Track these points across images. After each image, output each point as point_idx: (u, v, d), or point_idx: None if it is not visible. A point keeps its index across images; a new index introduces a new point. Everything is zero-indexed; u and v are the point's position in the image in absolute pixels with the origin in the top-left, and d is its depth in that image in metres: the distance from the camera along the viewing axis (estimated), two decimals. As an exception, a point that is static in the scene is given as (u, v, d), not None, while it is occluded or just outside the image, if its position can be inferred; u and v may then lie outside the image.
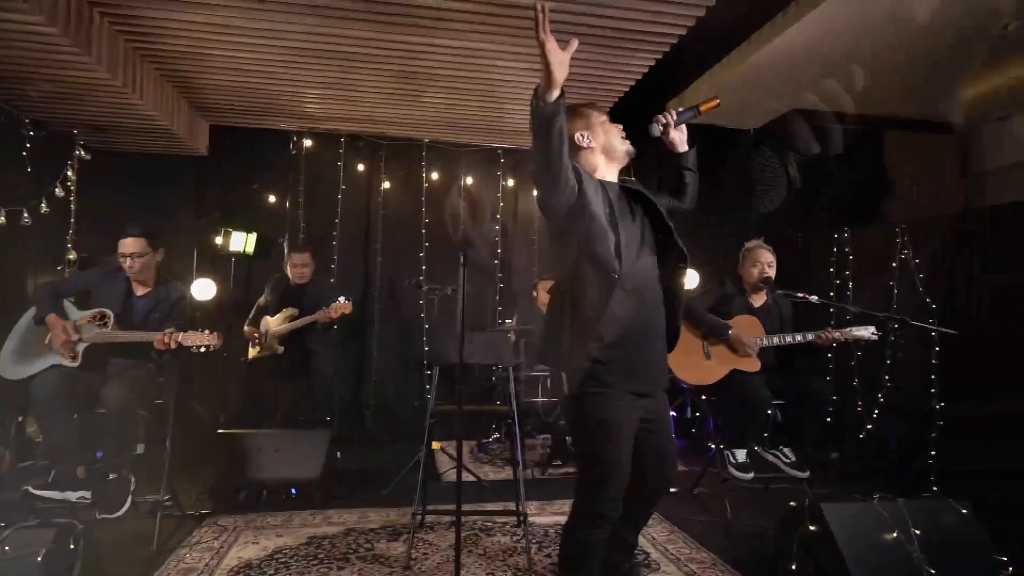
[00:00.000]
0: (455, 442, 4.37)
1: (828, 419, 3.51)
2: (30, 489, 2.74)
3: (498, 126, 4.71)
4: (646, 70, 3.73)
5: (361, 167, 4.96)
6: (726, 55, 3.99)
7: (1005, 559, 2.15)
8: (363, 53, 3.54)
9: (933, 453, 3.32)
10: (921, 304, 3.69)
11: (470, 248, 2.23)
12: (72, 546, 1.86)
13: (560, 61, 1.51)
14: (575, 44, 1.55)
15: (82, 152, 4.12)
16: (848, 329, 3.02)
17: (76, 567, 1.90)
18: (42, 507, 2.74)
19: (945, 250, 3.65)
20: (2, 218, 3.41)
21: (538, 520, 3.00)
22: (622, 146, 1.88)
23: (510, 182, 5.24)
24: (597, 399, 1.71)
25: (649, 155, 2.86)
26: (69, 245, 4.03)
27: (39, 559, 1.75)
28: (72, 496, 2.75)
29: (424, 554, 2.59)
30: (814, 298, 3.07)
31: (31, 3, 2.59)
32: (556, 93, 1.53)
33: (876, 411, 3.82)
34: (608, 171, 1.88)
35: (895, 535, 2.12)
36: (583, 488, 1.78)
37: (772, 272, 3.22)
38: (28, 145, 3.69)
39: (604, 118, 1.91)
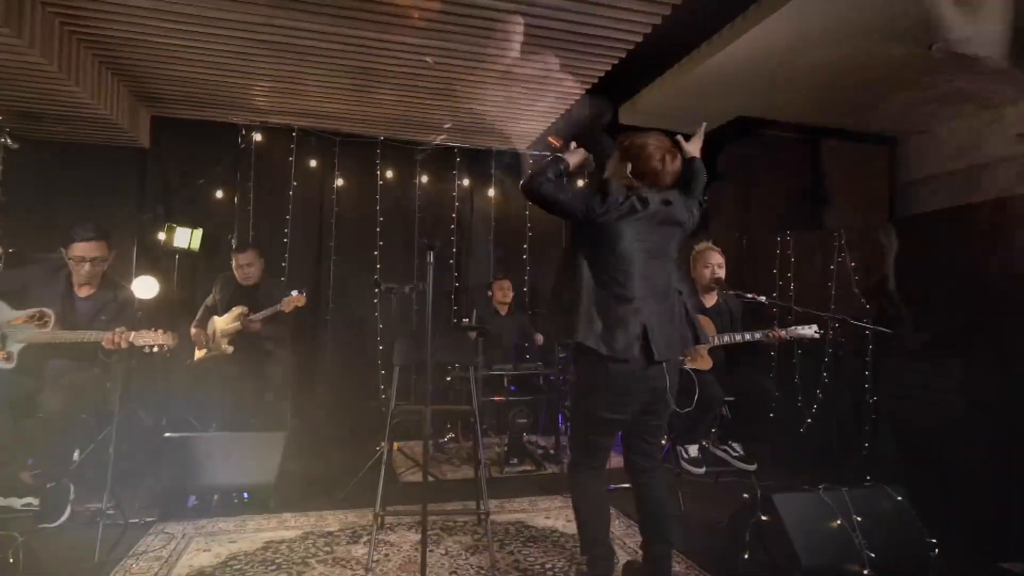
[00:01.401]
0: (412, 442, 4.37)
1: (772, 414, 3.69)
2: None
3: (455, 124, 4.70)
4: (602, 74, 3.81)
5: (313, 163, 4.84)
6: (678, 62, 4.12)
7: (934, 541, 2.33)
8: (317, 47, 3.47)
9: (867, 444, 3.54)
10: (857, 305, 3.93)
11: (435, 248, 2.23)
12: (11, 560, 1.75)
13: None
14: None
15: (9, 140, 3.83)
16: (793, 328, 3.18)
17: (16, 581, 1.79)
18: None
19: (876, 254, 3.90)
20: (-81, 209, 3.15)
21: (498, 518, 3.02)
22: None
23: (466, 181, 5.24)
24: None
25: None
26: (-6, 239, 3.75)
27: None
28: (17, 503, 2.58)
29: (386, 555, 2.56)
30: (763, 298, 3.22)
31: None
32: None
33: (815, 406, 4.03)
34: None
35: (839, 522, 2.26)
36: None
37: (722, 273, 3.35)
38: (-51, 132, 3.42)
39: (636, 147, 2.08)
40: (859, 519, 2.27)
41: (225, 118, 4.55)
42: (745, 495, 2.41)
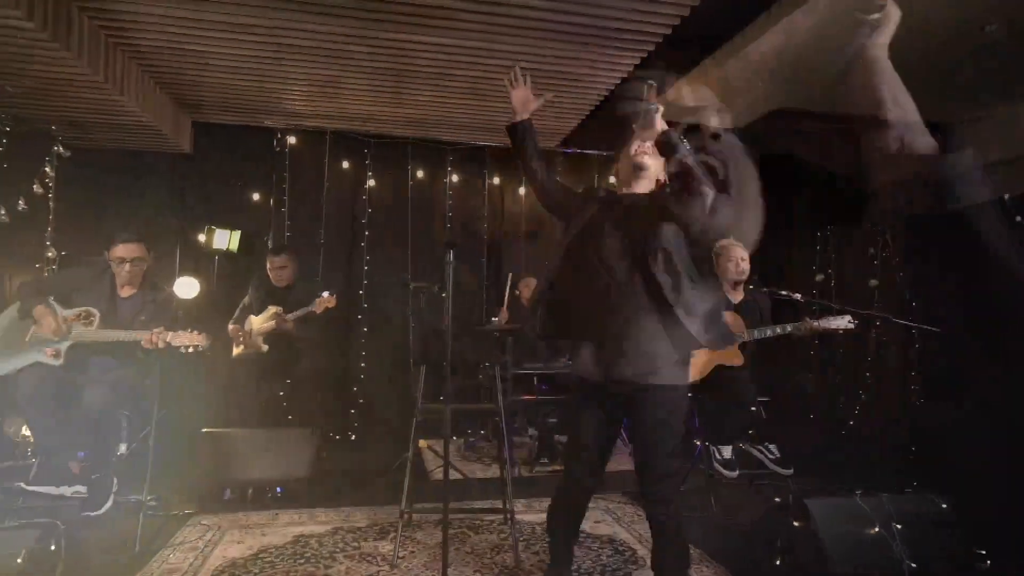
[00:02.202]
0: (442, 440, 4.40)
1: (811, 415, 3.56)
2: (23, 485, 2.72)
3: (484, 123, 4.70)
4: (632, 69, 3.75)
5: (346, 165, 4.93)
6: (710, 54, 4.02)
7: (984, 552, 2.20)
8: (348, 50, 3.52)
9: (913, 449, 3.38)
10: (903, 302, 3.75)
11: (455, 246, 2.24)
12: (53, 547, 1.84)
13: (520, 99, 2.14)
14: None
15: (61, 149, 4.05)
16: (826, 319, 3.07)
17: (58, 567, 1.87)
18: (28, 505, 2.71)
19: (925, 249, 3.72)
20: (-21, 215, 3.35)
21: (525, 518, 3.00)
22: (630, 163, 2.02)
23: (496, 180, 5.24)
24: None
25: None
26: (48, 243, 3.96)
27: (19, 560, 1.73)
28: (67, 491, 2.73)
29: (411, 552, 2.58)
30: (798, 296, 3.11)
31: (9, -1, 2.54)
32: (515, 119, 2.13)
33: (857, 407, 3.88)
34: (626, 185, 2.06)
35: (877, 530, 2.16)
36: None
37: (746, 267, 3.28)
38: (4, 141, 3.62)
39: (632, 147, 2.04)
40: (899, 527, 2.16)
41: (261, 123, 4.67)
42: (777, 499, 2.33)
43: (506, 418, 4.41)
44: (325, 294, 3.59)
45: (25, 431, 3.20)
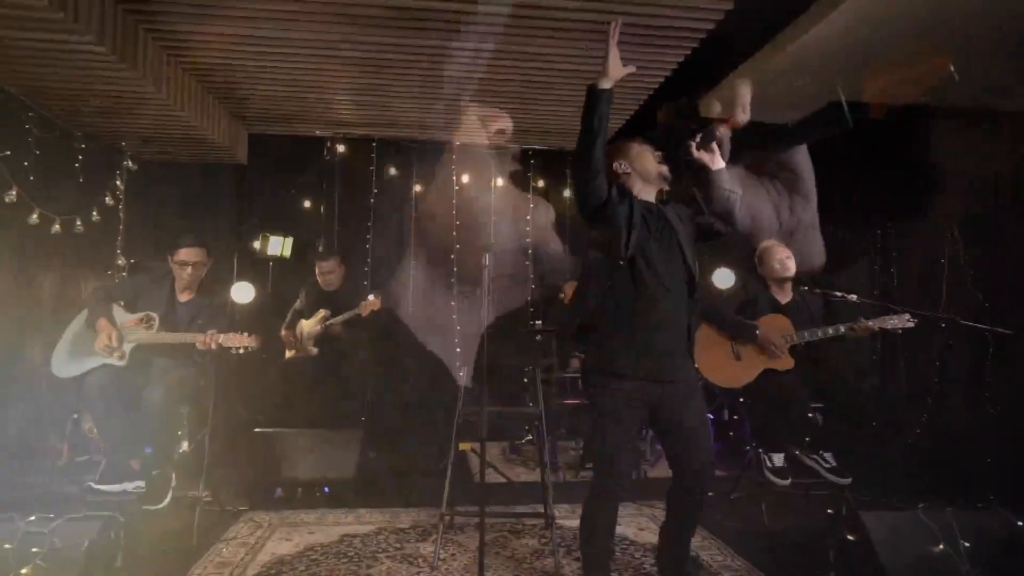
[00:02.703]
0: (487, 444, 4.41)
1: (873, 422, 3.37)
2: (92, 485, 2.90)
3: (528, 127, 4.70)
4: (675, 66, 3.67)
5: (393, 171, 5.03)
6: (759, 48, 3.88)
7: (1064, 574, 2.02)
8: (390, 58, 3.59)
9: (988, 461, 3.14)
10: (976, 303, 3.51)
11: (492, 250, 2.26)
12: (113, 537, 1.95)
13: (617, 62, 1.92)
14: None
15: (130, 163, 4.31)
16: (882, 318, 2.90)
17: (118, 557, 1.98)
18: (96, 500, 2.89)
19: (999, 245, 3.46)
20: (57, 226, 3.60)
21: (567, 523, 2.97)
22: (655, 169, 2.08)
23: (540, 183, 5.23)
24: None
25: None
26: (118, 251, 4.22)
27: (83, 549, 1.84)
28: (129, 486, 2.91)
29: (452, 555, 2.60)
30: (853, 297, 2.96)
31: (82, 24, 2.72)
32: (606, 84, 1.91)
33: (925, 415, 3.64)
34: (644, 192, 2.09)
35: (941, 547, 2.02)
36: None
37: (791, 266, 3.15)
38: (80, 157, 3.88)
39: (642, 147, 2.12)
40: (967, 544, 2.01)
41: (312, 132, 4.83)
42: (830, 510, 2.22)
43: (546, 422, 4.40)
44: (371, 297, 3.69)
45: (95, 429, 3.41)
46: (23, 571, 1.70)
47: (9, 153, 3.27)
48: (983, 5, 2.99)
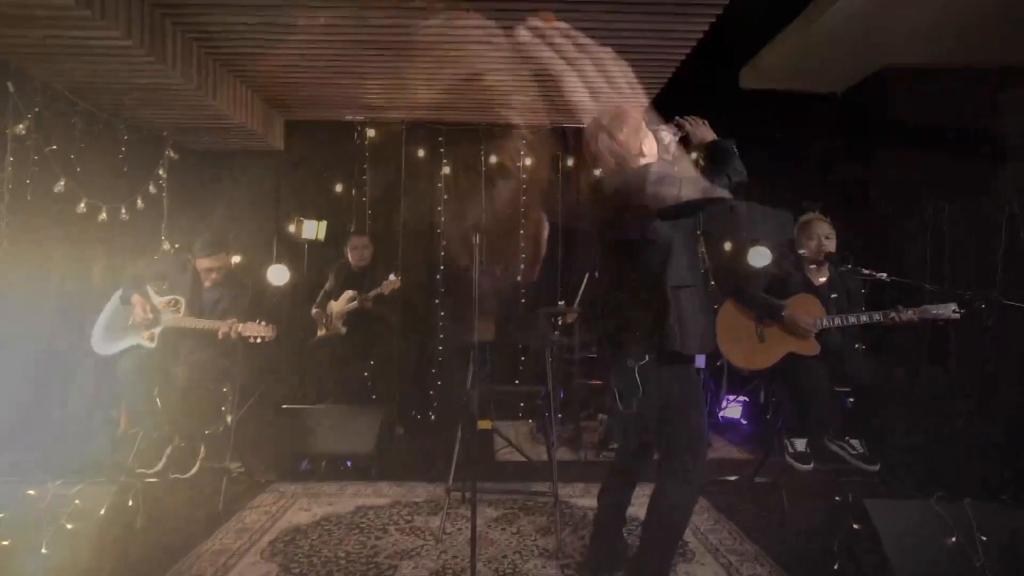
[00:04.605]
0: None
1: (912, 411, 3.20)
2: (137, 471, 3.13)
3: (556, 105, 4.63)
4: (700, 35, 3.51)
5: (422, 153, 5.08)
6: (798, 14, 3.66)
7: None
8: (420, 41, 3.59)
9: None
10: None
11: (478, 230, 2.27)
12: (131, 502, 2.10)
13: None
14: None
15: (171, 152, 4.53)
16: (924, 307, 2.71)
17: (137, 520, 2.15)
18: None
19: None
20: (104, 215, 3.84)
21: (580, 502, 2.98)
22: (665, 139, 2.06)
23: (571, 161, 5.16)
24: None
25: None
26: (163, 237, 4.46)
27: (102, 512, 2.00)
28: (161, 465, 3.13)
29: (459, 529, 2.66)
30: (883, 275, 2.78)
31: (108, 20, 2.86)
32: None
33: (969, 405, 3.41)
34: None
35: (954, 539, 1.91)
36: None
37: (831, 245, 2.96)
38: (123, 149, 4.11)
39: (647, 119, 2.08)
40: (984, 538, 1.89)
41: (342, 117, 4.93)
42: (836, 498, 2.13)
43: (573, 402, 4.38)
44: (392, 276, 3.81)
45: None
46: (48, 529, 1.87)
47: (56, 147, 3.48)
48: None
